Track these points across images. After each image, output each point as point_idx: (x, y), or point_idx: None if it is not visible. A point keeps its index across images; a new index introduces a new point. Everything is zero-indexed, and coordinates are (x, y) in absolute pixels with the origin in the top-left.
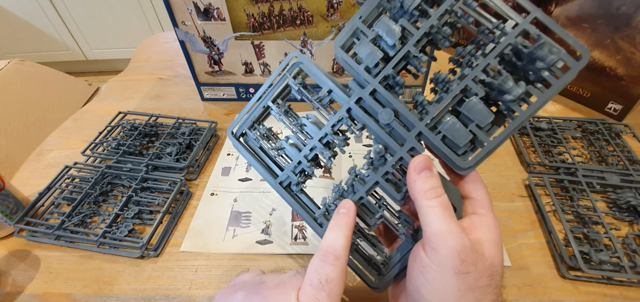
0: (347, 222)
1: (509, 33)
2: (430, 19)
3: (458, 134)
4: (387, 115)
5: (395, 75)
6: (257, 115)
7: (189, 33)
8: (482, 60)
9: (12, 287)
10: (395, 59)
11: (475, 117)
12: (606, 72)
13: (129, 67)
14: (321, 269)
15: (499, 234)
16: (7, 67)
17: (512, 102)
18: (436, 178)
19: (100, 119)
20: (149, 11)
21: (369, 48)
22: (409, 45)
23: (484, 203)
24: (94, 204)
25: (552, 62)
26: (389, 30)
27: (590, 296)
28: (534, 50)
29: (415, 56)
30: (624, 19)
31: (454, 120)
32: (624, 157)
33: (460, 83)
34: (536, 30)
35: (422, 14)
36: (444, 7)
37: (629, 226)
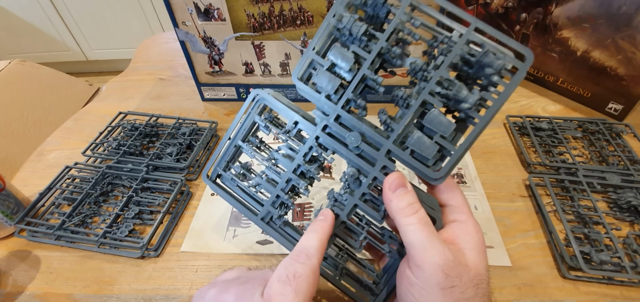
0: (323, 227)
1: (456, 44)
2: (379, 43)
3: (425, 147)
4: (355, 138)
5: (357, 99)
6: (230, 155)
7: (190, 33)
8: (434, 73)
9: (13, 288)
10: (354, 83)
11: (438, 129)
12: (607, 72)
13: (129, 67)
14: (290, 266)
15: (482, 239)
16: (8, 67)
17: (470, 110)
18: (411, 194)
19: (101, 120)
20: (150, 11)
21: (326, 77)
22: (363, 69)
23: (463, 209)
24: (94, 204)
25: (499, 67)
26: (342, 58)
27: (591, 296)
28: (481, 58)
29: (373, 78)
30: (624, 19)
31: (419, 134)
32: (624, 157)
33: (418, 98)
34: (481, 38)
35: (370, 38)
36: (390, 29)
37: (629, 226)
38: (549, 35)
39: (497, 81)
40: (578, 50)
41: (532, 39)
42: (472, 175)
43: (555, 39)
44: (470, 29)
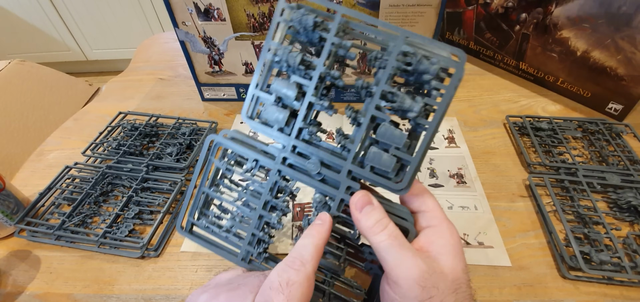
0: (319, 232)
1: (390, 58)
2: (317, 69)
3: (383, 161)
4: (314, 165)
5: (309, 126)
6: (201, 202)
7: (190, 33)
8: (376, 88)
9: (13, 288)
10: (302, 112)
11: (392, 141)
12: (607, 72)
13: (129, 67)
14: (283, 273)
15: (456, 240)
16: (8, 67)
17: (417, 117)
18: (378, 210)
19: (101, 120)
20: (150, 11)
21: (274, 111)
22: (308, 96)
23: (435, 213)
24: (94, 204)
25: (435, 72)
26: (286, 89)
27: (590, 296)
28: (417, 66)
29: (320, 103)
30: (624, 19)
31: (375, 149)
32: (624, 157)
33: (365, 115)
34: (410, 49)
35: (308, 66)
36: (325, 55)
37: (629, 226)
38: (549, 35)
39: (437, 85)
40: (578, 51)
41: (532, 39)
42: (472, 175)
43: (555, 39)
44: (398, 40)
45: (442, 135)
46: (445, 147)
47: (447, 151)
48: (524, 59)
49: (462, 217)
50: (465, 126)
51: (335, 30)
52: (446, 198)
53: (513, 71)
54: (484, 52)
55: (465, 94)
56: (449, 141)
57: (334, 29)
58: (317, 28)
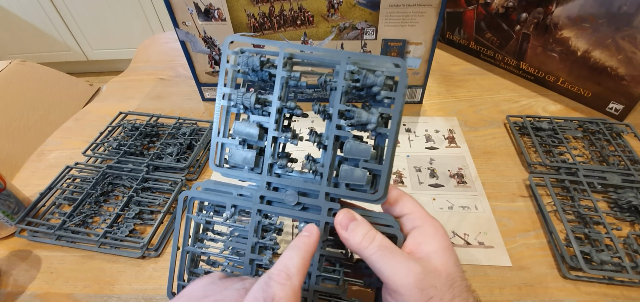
0: (306, 243)
1: (338, 79)
2: (273, 104)
3: (355, 176)
4: (291, 197)
5: (278, 160)
6: (187, 263)
7: (190, 33)
8: (333, 110)
9: (13, 287)
10: (268, 148)
11: (359, 155)
12: (607, 72)
13: (129, 67)
14: (268, 287)
15: (443, 236)
16: (8, 67)
17: (376, 128)
18: (363, 224)
19: (101, 120)
20: (150, 11)
21: (241, 154)
22: (270, 132)
23: (418, 214)
24: (95, 204)
25: (382, 82)
26: (247, 131)
27: (591, 296)
28: (365, 81)
29: (283, 135)
30: (625, 19)
31: (346, 167)
32: (625, 157)
33: (329, 137)
34: (354, 67)
35: (264, 103)
36: (277, 90)
37: (630, 226)
38: (549, 35)
39: (387, 94)
40: (578, 50)
41: (532, 38)
42: (473, 175)
43: (556, 39)
44: (342, 62)
45: (442, 135)
46: (446, 147)
47: (447, 150)
48: (525, 59)
49: (463, 217)
50: (465, 126)
51: (281, 64)
52: (446, 198)
53: (513, 71)
54: (485, 52)
55: (465, 93)
56: (449, 141)
57: (280, 63)
58: (264, 66)
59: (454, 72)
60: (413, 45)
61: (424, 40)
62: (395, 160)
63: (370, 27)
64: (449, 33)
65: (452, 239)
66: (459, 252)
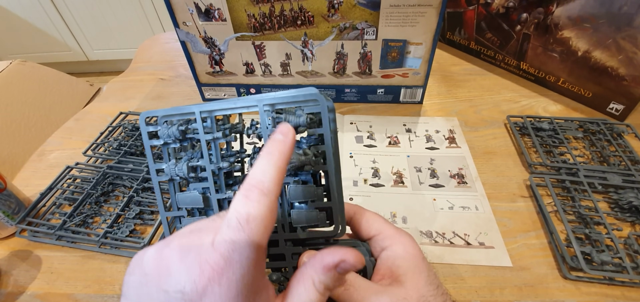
0: (281, 150)
1: (261, 128)
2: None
3: (308, 218)
4: None
5: None
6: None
7: (190, 34)
8: None
9: (14, 288)
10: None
11: (304, 197)
12: (608, 72)
13: (130, 67)
14: (241, 207)
15: (412, 252)
16: (9, 67)
17: (313, 166)
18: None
19: (102, 120)
20: (150, 12)
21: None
22: (213, 197)
23: (386, 233)
24: (95, 205)
25: (305, 122)
26: (191, 201)
27: (591, 297)
28: (290, 122)
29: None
30: (625, 19)
31: (296, 210)
32: (625, 158)
33: None
34: (273, 114)
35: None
36: (205, 154)
37: (630, 227)
38: (549, 35)
39: (314, 132)
40: (579, 51)
41: (533, 39)
42: (473, 175)
43: (556, 39)
44: (259, 109)
45: (443, 135)
46: (446, 148)
47: (447, 151)
48: (525, 59)
49: (463, 217)
50: (466, 126)
51: (201, 127)
52: (447, 198)
53: (514, 71)
54: (485, 52)
55: (466, 94)
56: (449, 141)
57: (200, 127)
58: (186, 133)
59: (455, 72)
60: (413, 46)
61: (425, 40)
62: (396, 160)
63: (370, 27)
64: (449, 33)
65: (453, 240)
66: (459, 252)
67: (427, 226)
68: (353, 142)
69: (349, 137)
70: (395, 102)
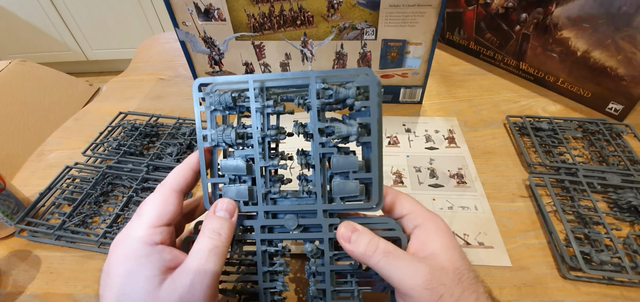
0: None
1: (311, 98)
2: (254, 136)
3: (348, 189)
4: (291, 221)
5: (271, 187)
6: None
7: (190, 33)
8: (312, 129)
9: (13, 288)
10: (259, 179)
11: (347, 168)
12: (607, 72)
13: (129, 67)
14: None
15: (445, 232)
16: (8, 67)
17: (358, 138)
18: (364, 233)
19: (101, 120)
20: (150, 11)
21: (233, 189)
22: (257, 163)
23: (417, 212)
24: (94, 205)
25: (354, 93)
26: (235, 169)
27: (591, 297)
28: (337, 96)
29: (273, 165)
30: (624, 19)
31: (337, 181)
32: (624, 158)
33: (313, 156)
34: (324, 85)
35: (244, 136)
36: (254, 123)
37: (630, 226)
38: (549, 35)
39: (362, 104)
40: (578, 51)
41: (532, 39)
42: (472, 175)
43: (556, 39)
44: (311, 80)
45: (442, 135)
46: (446, 147)
47: (447, 151)
48: (524, 59)
49: (463, 217)
50: (465, 126)
51: (253, 97)
52: (446, 198)
53: (513, 71)
54: (484, 52)
55: (465, 94)
56: (449, 141)
57: (252, 96)
58: (237, 101)
59: (454, 72)
60: (413, 46)
61: (424, 40)
62: (395, 160)
63: (370, 27)
64: (448, 33)
65: None
66: None
67: None
68: None
69: None
70: (395, 102)
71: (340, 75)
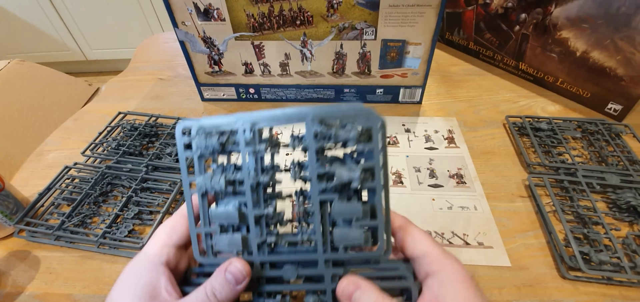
0: None
1: (309, 141)
2: (246, 183)
3: (351, 237)
4: (290, 272)
5: (266, 236)
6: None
7: (189, 33)
8: (309, 174)
9: (12, 288)
10: (253, 229)
11: (350, 215)
12: (606, 72)
13: (129, 67)
14: None
15: (465, 284)
16: (7, 67)
17: (360, 184)
18: (368, 291)
19: (100, 120)
20: (149, 11)
21: (224, 239)
22: (250, 213)
23: (433, 255)
24: (93, 205)
25: (355, 137)
26: (226, 218)
27: (590, 297)
28: (336, 139)
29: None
30: (623, 20)
31: (339, 229)
32: (624, 158)
33: (312, 203)
34: (321, 127)
35: (235, 183)
36: (245, 169)
37: (629, 226)
38: (548, 35)
39: (364, 147)
40: (577, 51)
41: (531, 39)
42: (472, 175)
43: (555, 40)
44: (307, 122)
45: (441, 135)
46: (445, 148)
47: (446, 151)
48: (524, 59)
49: (462, 217)
50: (464, 126)
51: (243, 139)
52: (446, 198)
53: (513, 71)
54: (484, 53)
55: (464, 94)
56: (448, 141)
57: (242, 141)
58: (225, 146)
59: (454, 72)
60: (412, 46)
61: (424, 40)
62: (395, 160)
63: (369, 27)
64: (448, 33)
65: (451, 240)
66: (458, 252)
67: (426, 226)
68: None
69: None
70: (394, 102)
71: (339, 113)
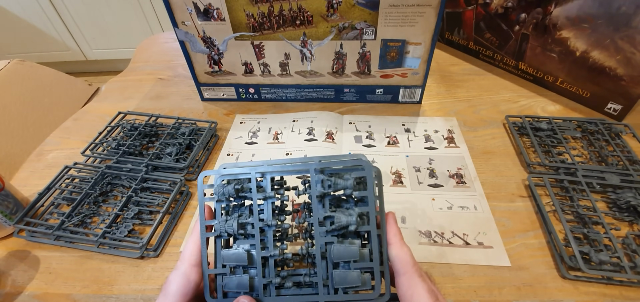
0: None
1: (312, 189)
2: (255, 227)
3: (349, 278)
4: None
5: (272, 278)
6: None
7: (189, 33)
8: (312, 219)
9: (12, 288)
10: (259, 270)
11: (348, 257)
12: (606, 72)
13: (129, 67)
14: None
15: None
16: (7, 67)
17: (357, 227)
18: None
19: (100, 119)
20: (149, 11)
21: (234, 280)
22: (258, 255)
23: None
24: (93, 205)
25: (351, 185)
26: (236, 259)
27: (590, 296)
28: (335, 187)
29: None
30: (623, 19)
31: (338, 272)
32: (623, 157)
33: (315, 248)
34: (324, 177)
35: (245, 226)
36: (256, 214)
37: (628, 226)
38: (548, 35)
39: (360, 194)
40: (577, 51)
41: (531, 39)
42: (472, 175)
43: (555, 39)
44: (311, 173)
45: (441, 135)
46: (445, 148)
47: (446, 151)
48: (524, 59)
49: (462, 217)
50: (464, 126)
51: (255, 188)
52: (446, 198)
53: (512, 71)
54: (484, 52)
55: (464, 94)
56: (448, 141)
57: (253, 188)
58: (240, 193)
59: (453, 72)
60: (412, 45)
61: (423, 40)
62: (395, 160)
63: (369, 27)
64: (448, 33)
65: (451, 239)
66: (458, 252)
67: (426, 226)
68: (352, 142)
69: (348, 138)
70: (394, 102)
71: (337, 166)
